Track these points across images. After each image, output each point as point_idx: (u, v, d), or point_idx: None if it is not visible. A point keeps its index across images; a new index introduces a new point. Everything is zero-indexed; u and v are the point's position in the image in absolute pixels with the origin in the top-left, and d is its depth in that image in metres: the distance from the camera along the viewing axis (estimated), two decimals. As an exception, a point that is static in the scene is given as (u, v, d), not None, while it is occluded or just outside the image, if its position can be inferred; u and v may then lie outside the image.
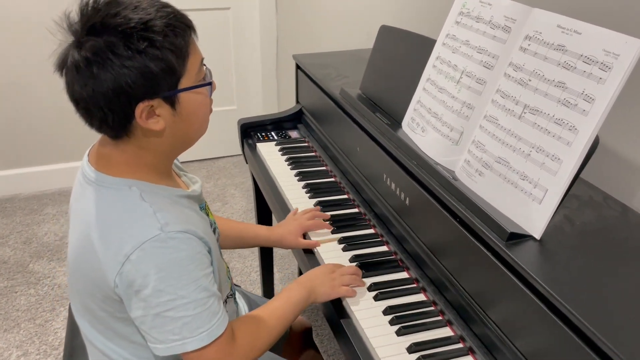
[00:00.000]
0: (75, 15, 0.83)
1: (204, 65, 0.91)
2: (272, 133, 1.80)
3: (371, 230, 1.32)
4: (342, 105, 1.49)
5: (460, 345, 0.99)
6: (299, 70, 1.82)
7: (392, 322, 1.04)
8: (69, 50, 0.82)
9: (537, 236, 0.89)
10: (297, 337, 1.42)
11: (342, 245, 1.25)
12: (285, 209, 1.44)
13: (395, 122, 1.30)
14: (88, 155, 0.96)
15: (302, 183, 1.51)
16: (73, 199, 1.00)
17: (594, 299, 0.78)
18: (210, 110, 0.95)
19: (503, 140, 0.97)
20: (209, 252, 0.92)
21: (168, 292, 0.83)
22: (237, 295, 1.22)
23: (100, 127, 0.87)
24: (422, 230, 1.14)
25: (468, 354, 0.98)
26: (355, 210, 1.40)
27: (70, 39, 0.83)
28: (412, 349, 0.98)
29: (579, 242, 0.90)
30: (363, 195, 1.42)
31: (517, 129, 0.94)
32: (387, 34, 1.42)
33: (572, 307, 0.75)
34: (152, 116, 0.85)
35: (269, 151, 1.70)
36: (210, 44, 2.99)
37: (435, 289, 1.10)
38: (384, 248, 1.25)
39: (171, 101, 0.86)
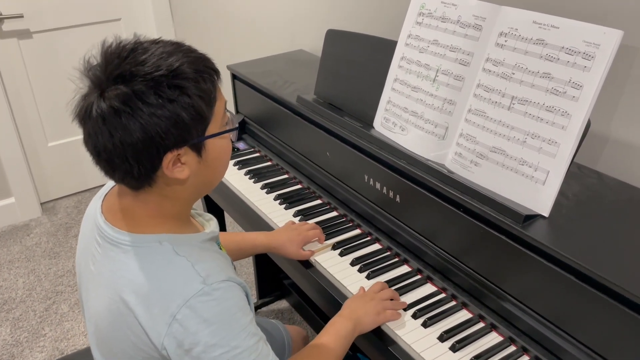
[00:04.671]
0: (95, 62, 0.78)
1: (226, 109, 0.89)
2: (219, 148, 1.76)
3: (357, 231, 1.35)
4: (301, 112, 1.49)
5: (482, 325, 1.07)
6: (236, 80, 1.79)
7: (415, 316, 1.09)
8: (91, 99, 0.77)
9: (546, 214, 0.98)
10: (298, 346, 1.42)
11: (339, 251, 1.28)
12: (264, 226, 1.43)
13: (365, 123, 1.34)
14: (102, 213, 0.89)
15: (273, 195, 1.51)
16: (87, 262, 0.92)
17: (613, 259, 0.89)
18: None
19: (495, 131, 1.05)
20: (246, 295, 0.90)
21: (221, 345, 0.80)
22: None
23: (124, 178, 0.82)
24: (418, 223, 1.20)
25: (491, 331, 1.06)
26: (335, 213, 1.43)
27: (90, 86, 0.78)
28: (443, 337, 1.04)
29: (581, 212, 1.01)
30: (339, 197, 1.44)
31: (508, 119, 1.03)
32: (335, 37, 1.45)
33: (599, 271, 0.86)
34: (177, 165, 0.82)
35: (223, 167, 1.66)
36: (107, 60, 2.82)
37: (441, 276, 1.17)
38: (377, 246, 1.30)
39: (197, 148, 0.83)
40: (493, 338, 1.04)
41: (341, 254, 1.27)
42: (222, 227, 1.99)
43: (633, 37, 1.06)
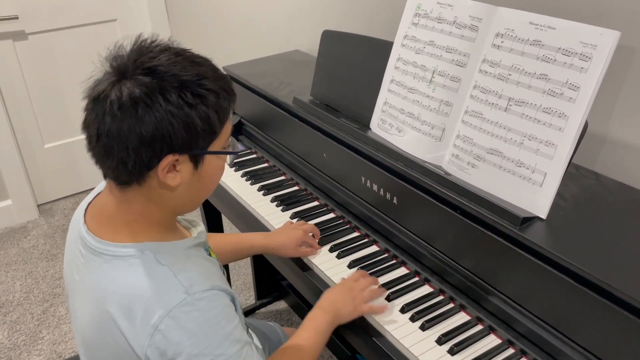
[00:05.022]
0: (123, 52, 0.79)
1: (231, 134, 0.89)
2: (216, 149, 1.75)
3: (355, 233, 1.35)
4: (297, 113, 1.49)
5: (480, 327, 1.06)
6: (232, 81, 1.78)
7: (413, 319, 1.08)
8: (112, 82, 0.77)
9: (544, 216, 0.98)
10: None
11: (336, 253, 1.27)
12: (261, 228, 1.42)
13: (362, 124, 1.34)
14: (85, 222, 0.89)
15: (270, 197, 1.50)
16: (72, 271, 0.91)
17: (611, 262, 0.88)
18: None
19: (492, 132, 1.04)
20: (232, 300, 0.89)
21: (204, 354, 0.79)
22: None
23: (115, 168, 0.80)
24: (416, 225, 1.20)
25: (490, 333, 1.05)
26: (332, 215, 1.42)
27: (111, 72, 0.78)
28: (441, 340, 1.03)
29: (579, 214, 1.00)
30: (336, 199, 1.44)
31: (505, 120, 1.02)
32: (331, 38, 1.44)
33: (597, 274, 0.85)
34: (171, 171, 0.81)
35: (220, 169, 1.65)
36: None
37: (439, 279, 1.16)
38: (375, 248, 1.29)
39: (196, 160, 0.82)
40: (491, 341, 1.04)
41: (338, 257, 1.26)
42: (220, 230, 1.99)
43: (630, 37, 1.05)
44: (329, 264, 1.25)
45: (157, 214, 0.87)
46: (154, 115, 0.75)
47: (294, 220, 1.39)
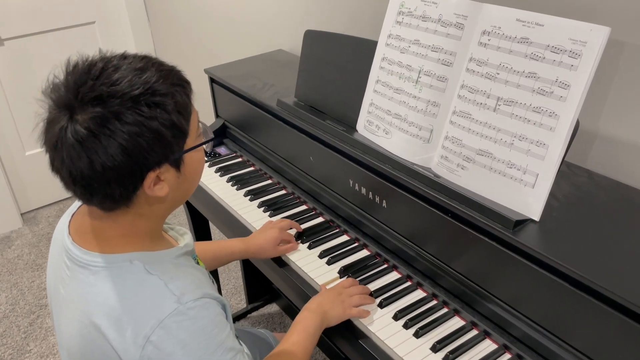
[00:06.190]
0: (61, 84, 0.74)
1: (199, 120, 0.85)
2: (200, 154, 1.72)
3: (345, 237, 1.32)
4: (282, 116, 1.45)
5: (475, 332, 1.04)
6: (214, 84, 1.74)
7: (406, 326, 1.06)
8: (63, 123, 0.72)
9: (537, 218, 0.95)
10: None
11: (326, 259, 1.24)
12: (247, 234, 1.39)
13: (348, 126, 1.30)
14: (69, 233, 0.85)
15: (257, 202, 1.47)
16: (57, 285, 0.88)
17: (606, 264, 0.86)
18: None
19: (481, 133, 1.01)
20: (223, 308, 0.88)
21: None
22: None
23: (102, 202, 0.78)
24: (406, 228, 1.17)
25: (485, 338, 1.03)
26: (321, 219, 1.39)
27: (56, 109, 0.73)
28: (436, 348, 1.01)
29: (572, 214, 0.98)
30: (325, 203, 1.41)
31: (494, 120, 0.99)
32: (314, 38, 1.40)
33: (592, 277, 0.83)
34: (157, 183, 0.79)
35: (205, 173, 1.62)
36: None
37: (432, 282, 1.14)
38: (365, 252, 1.27)
39: (177, 164, 0.80)
40: (487, 346, 1.01)
41: (329, 263, 1.24)
42: (208, 238, 1.95)
43: (620, 31, 1.03)
44: (320, 271, 1.22)
45: (145, 226, 0.85)
46: (119, 143, 0.72)
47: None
